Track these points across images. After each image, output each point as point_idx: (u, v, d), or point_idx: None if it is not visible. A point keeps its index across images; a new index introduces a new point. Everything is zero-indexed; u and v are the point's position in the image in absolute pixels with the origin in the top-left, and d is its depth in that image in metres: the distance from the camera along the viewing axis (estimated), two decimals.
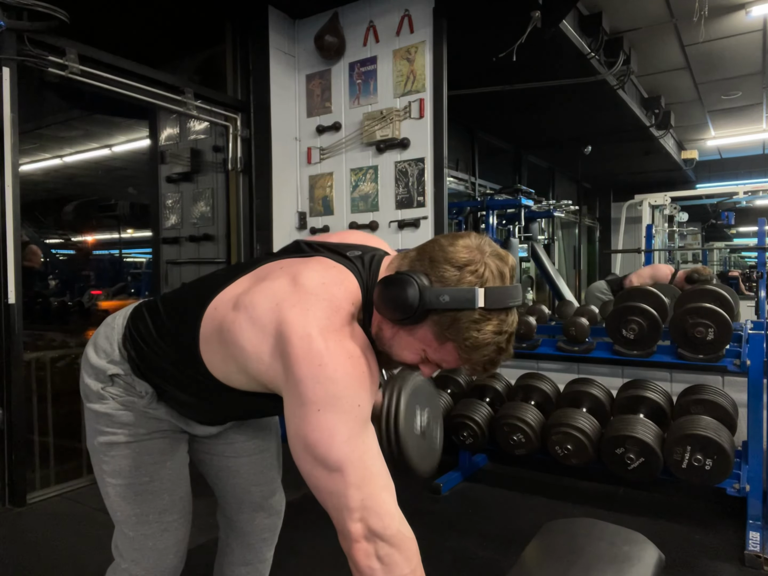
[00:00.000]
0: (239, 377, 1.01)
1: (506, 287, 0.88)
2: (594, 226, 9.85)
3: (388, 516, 0.84)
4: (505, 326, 0.88)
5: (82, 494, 2.73)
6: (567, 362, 2.99)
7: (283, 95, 3.69)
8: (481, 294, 0.85)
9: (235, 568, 1.40)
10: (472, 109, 5.10)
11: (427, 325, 0.89)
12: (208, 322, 1.01)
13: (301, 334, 0.86)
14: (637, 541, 1.12)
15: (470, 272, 0.87)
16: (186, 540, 1.25)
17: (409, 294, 0.86)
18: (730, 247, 10.67)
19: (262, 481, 1.35)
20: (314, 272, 0.95)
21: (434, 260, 0.89)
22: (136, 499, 1.15)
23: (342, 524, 0.85)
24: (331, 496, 0.85)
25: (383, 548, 0.83)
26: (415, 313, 0.87)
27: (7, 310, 2.46)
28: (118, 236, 9.84)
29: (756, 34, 4.38)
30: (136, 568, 1.18)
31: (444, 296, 0.86)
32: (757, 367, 2.21)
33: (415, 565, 0.85)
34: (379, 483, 0.86)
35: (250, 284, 1.00)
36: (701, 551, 2.16)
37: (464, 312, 0.86)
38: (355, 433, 0.86)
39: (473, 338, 0.86)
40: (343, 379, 0.86)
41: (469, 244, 0.89)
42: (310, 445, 0.85)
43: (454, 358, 0.91)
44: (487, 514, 2.51)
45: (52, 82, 2.66)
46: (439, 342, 0.90)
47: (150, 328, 1.10)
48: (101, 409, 1.13)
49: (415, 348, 0.93)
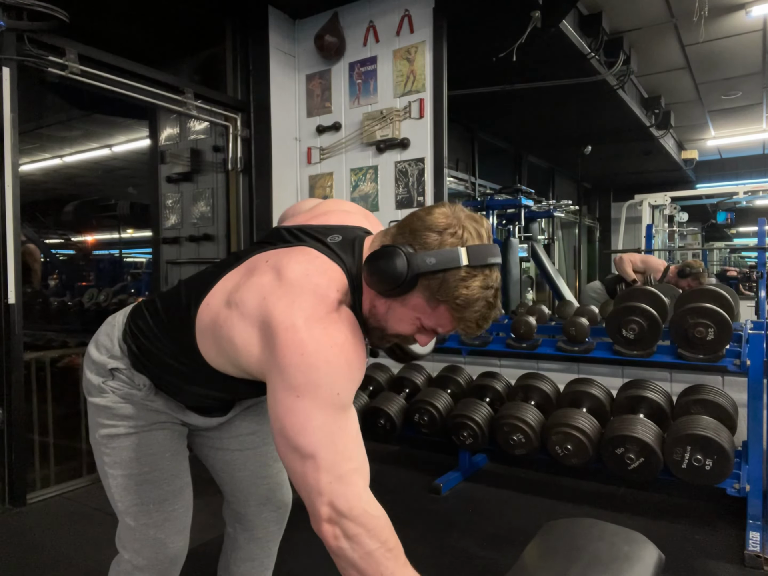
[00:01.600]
0: (232, 369, 1.05)
1: (486, 245, 0.93)
2: (594, 226, 9.86)
3: (354, 497, 0.86)
4: (490, 281, 0.93)
5: (82, 494, 2.73)
6: (567, 362, 2.99)
7: (283, 95, 3.69)
8: (464, 253, 0.90)
9: (241, 563, 1.41)
10: (472, 109, 5.10)
11: (419, 292, 0.93)
12: (203, 317, 1.04)
13: (287, 325, 0.90)
14: (637, 541, 1.12)
15: (450, 234, 0.92)
16: (187, 530, 1.26)
17: (397, 263, 0.91)
18: (730, 247, 10.67)
19: (268, 473, 1.36)
20: (298, 264, 0.98)
21: (415, 230, 0.94)
22: (137, 489, 1.18)
23: (311, 506, 0.88)
24: (303, 479, 0.88)
25: (350, 528, 0.85)
26: (406, 280, 0.91)
27: (7, 310, 2.46)
28: (118, 236, 9.84)
29: (756, 34, 4.38)
30: (138, 558, 1.19)
31: (430, 259, 0.90)
32: (757, 367, 2.21)
33: (384, 538, 0.87)
34: (350, 466, 0.88)
35: (239, 279, 1.03)
36: (701, 551, 2.16)
37: (451, 272, 0.90)
38: (331, 419, 0.89)
39: (463, 295, 0.90)
40: (324, 367, 0.89)
41: (445, 211, 0.95)
42: (285, 430, 0.89)
43: (448, 321, 0.95)
44: (487, 514, 2.51)
45: (52, 82, 2.66)
46: (432, 307, 0.94)
47: (150, 324, 1.14)
48: (102, 402, 1.16)
49: (410, 318, 0.97)
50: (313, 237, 1.06)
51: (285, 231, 1.11)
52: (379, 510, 0.89)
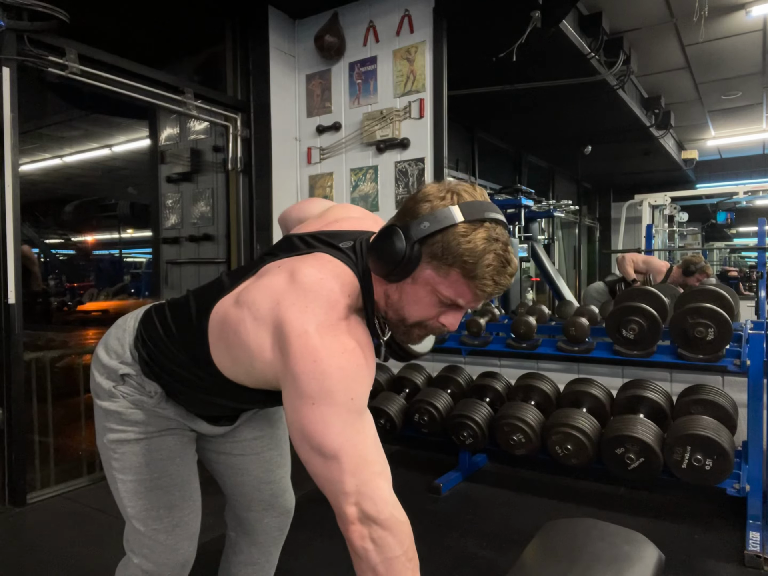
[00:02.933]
0: (246, 377, 1.04)
1: (480, 201, 0.92)
2: (594, 226, 9.85)
3: (381, 501, 0.86)
4: (494, 233, 0.90)
5: (82, 494, 2.73)
6: (567, 362, 2.99)
7: (283, 95, 3.69)
8: (457, 210, 0.90)
9: (242, 567, 1.41)
10: (472, 109, 5.10)
11: (425, 264, 0.92)
12: (214, 327, 1.05)
13: (299, 332, 0.90)
14: (637, 541, 1.12)
15: (440, 199, 0.92)
16: (196, 535, 1.26)
17: (394, 240, 0.92)
18: (730, 247, 10.68)
19: (271, 479, 1.36)
20: (312, 268, 0.98)
21: (406, 208, 0.95)
22: (146, 494, 1.18)
23: (339, 507, 0.88)
24: (328, 482, 0.88)
25: (376, 531, 0.85)
26: (406, 254, 0.91)
27: (7, 310, 2.46)
28: (118, 236, 9.85)
29: (756, 34, 4.38)
30: (147, 563, 1.19)
31: (424, 224, 0.90)
32: (757, 367, 2.21)
33: (407, 547, 0.87)
34: (374, 469, 0.88)
35: (251, 281, 1.04)
36: (701, 551, 2.16)
37: (449, 231, 0.89)
38: (349, 423, 0.89)
39: (468, 250, 0.88)
40: (337, 373, 0.89)
41: (435, 184, 0.96)
42: (306, 434, 0.89)
43: (464, 286, 0.92)
44: (487, 514, 2.51)
45: (52, 82, 2.66)
46: (443, 275, 0.92)
47: (161, 333, 1.14)
48: (111, 407, 1.16)
49: (426, 295, 0.95)
50: (325, 243, 1.06)
51: (297, 239, 1.10)
52: (405, 516, 0.89)
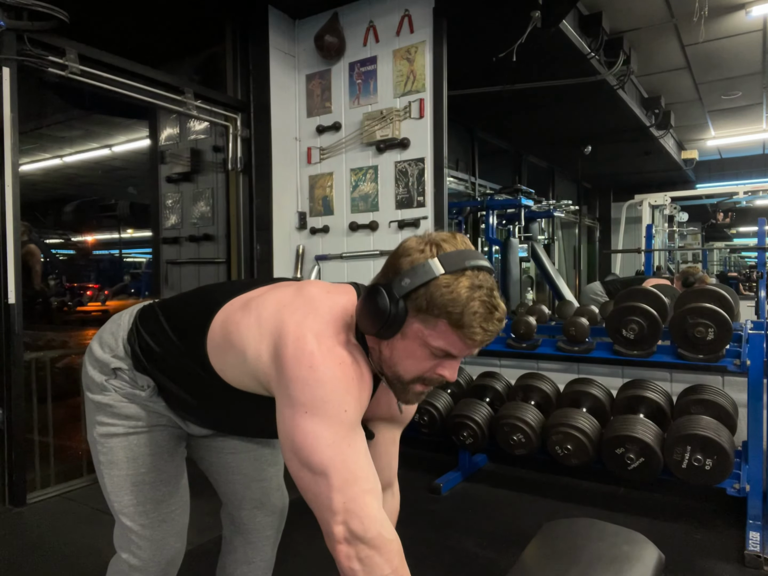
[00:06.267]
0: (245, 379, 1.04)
1: (461, 250, 0.90)
2: (594, 226, 9.85)
3: (368, 519, 0.85)
4: (477, 281, 0.88)
5: (82, 494, 2.72)
6: (567, 362, 2.99)
7: (283, 95, 3.68)
8: (437, 262, 0.88)
9: (238, 566, 1.40)
10: (472, 109, 5.09)
11: (412, 317, 0.90)
12: (216, 325, 1.05)
13: (297, 336, 0.91)
14: (637, 541, 1.12)
15: (419, 252, 0.90)
16: (184, 531, 1.26)
17: (377, 299, 0.90)
18: (730, 247, 10.67)
19: (262, 477, 1.36)
20: (321, 284, 1.03)
21: (389, 265, 0.94)
22: (133, 489, 1.17)
23: (326, 525, 0.87)
24: (316, 498, 0.87)
25: (363, 550, 0.84)
26: (392, 310, 0.89)
27: (7, 310, 2.46)
28: (118, 236, 9.85)
29: (756, 34, 4.38)
30: (135, 559, 1.19)
31: (405, 280, 0.89)
32: (757, 367, 2.21)
33: (396, 566, 0.86)
34: (363, 486, 0.87)
35: (262, 291, 1.07)
36: (701, 551, 2.16)
37: (432, 284, 0.87)
38: (340, 437, 0.88)
39: (452, 300, 0.86)
40: (331, 383, 0.88)
41: (414, 237, 0.94)
42: (296, 447, 0.88)
43: (453, 336, 0.90)
44: (487, 514, 2.51)
45: (52, 82, 2.67)
46: (432, 326, 0.90)
47: (161, 329, 1.14)
48: (103, 400, 1.17)
49: (417, 348, 0.93)
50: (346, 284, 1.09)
51: None
52: (393, 534, 0.88)
